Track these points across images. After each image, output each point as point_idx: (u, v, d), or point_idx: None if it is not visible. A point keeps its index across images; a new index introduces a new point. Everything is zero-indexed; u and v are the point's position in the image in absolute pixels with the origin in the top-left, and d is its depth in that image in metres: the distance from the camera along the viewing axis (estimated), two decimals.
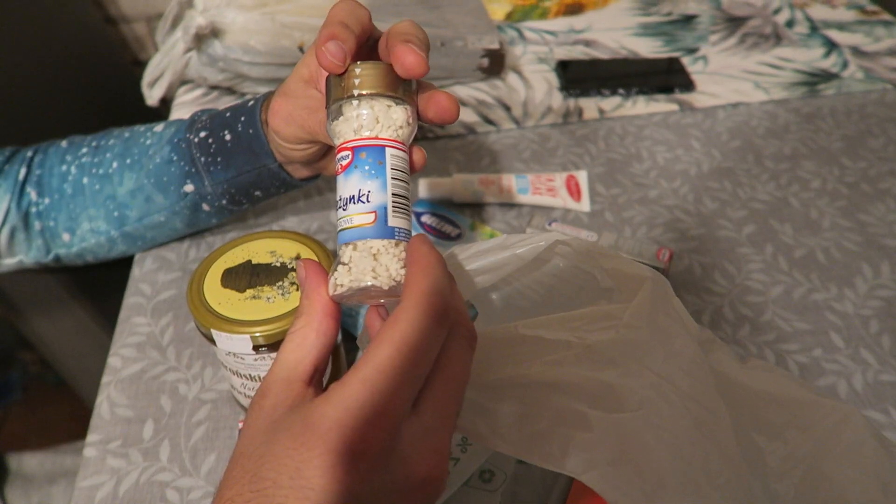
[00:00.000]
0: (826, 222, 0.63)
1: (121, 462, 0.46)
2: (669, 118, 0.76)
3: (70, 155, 0.56)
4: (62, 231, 0.55)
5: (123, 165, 0.54)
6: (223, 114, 0.51)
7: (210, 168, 0.51)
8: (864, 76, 0.82)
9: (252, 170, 0.50)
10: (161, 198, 0.53)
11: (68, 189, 0.54)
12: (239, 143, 0.50)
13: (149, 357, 0.52)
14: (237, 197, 0.53)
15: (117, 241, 0.56)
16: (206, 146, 0.51)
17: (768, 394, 0.37)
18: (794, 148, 0.72)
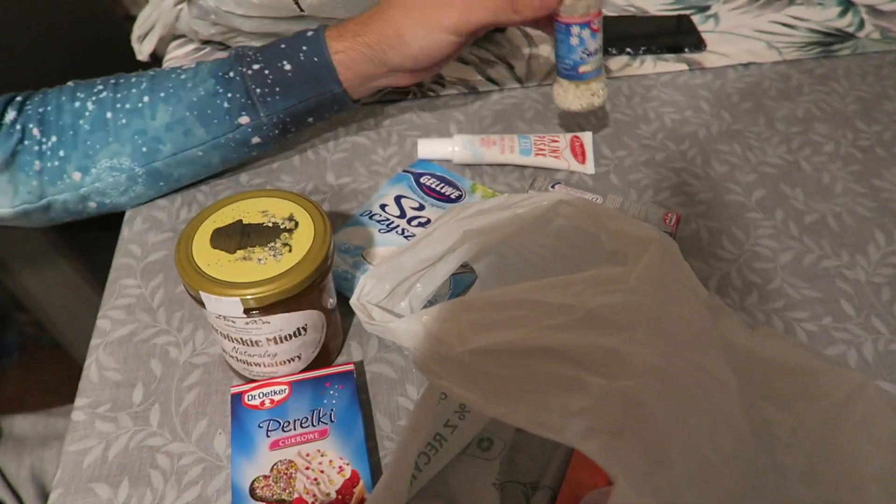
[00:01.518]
0: (838, 187, 0.61)
1: (110, 426, 0.45)
2: (678, 78, 0.73)
3: (82, 93, 0.54)
4: (73, 170, 0.53)
5: (157, 99, 0.53)
6: (276, 45, 0.54)
7: (267, 98, 0.54)
8: (881, 36, 0.79)
9: (314, 97, 0.55)
10: (203, 131, 0.54)
11: (85, 125, 0.53)
12: (301, 72, 0.53)
13: (139, 320, 0.51)
14: (289, 126, 0.57)
15: (139, 178, 0.55)
16: (261, 77, 0.53)
17: (778, 363, 0.36)
18: (807, 110, 0.69)
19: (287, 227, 0.42)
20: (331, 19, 0.69)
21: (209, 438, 0.44)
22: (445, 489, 0.39)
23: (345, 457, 0.41)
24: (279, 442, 0.41)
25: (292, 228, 0.42)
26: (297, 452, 0.41)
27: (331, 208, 0.59)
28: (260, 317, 0.40)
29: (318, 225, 0.42)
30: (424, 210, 0.56)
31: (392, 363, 0.48)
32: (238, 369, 0.46)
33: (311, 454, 0.41)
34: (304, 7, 0.66)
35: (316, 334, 0.44)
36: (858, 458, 0.32)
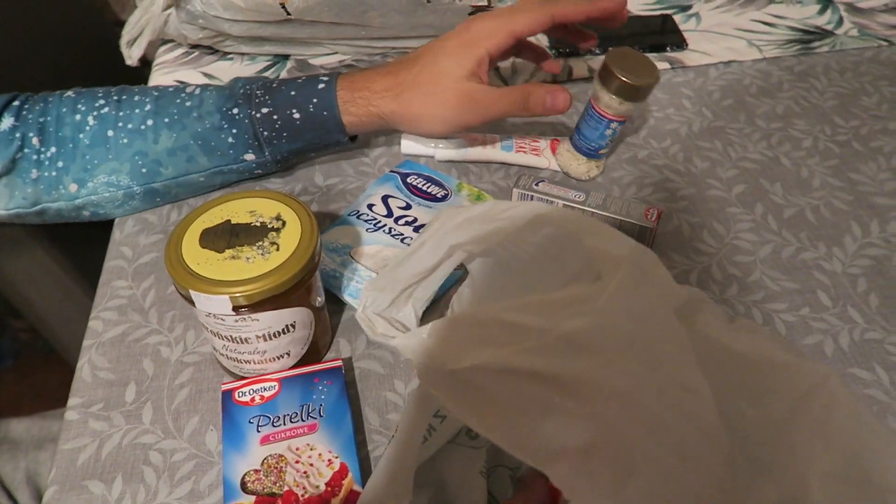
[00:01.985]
0: (816, 181, 0.62)
1: (103, 425, 0.46)
2: (661, 77, 0.74)
3: (83, 105, 0.55)
4: (70, 181, 0.54)
5: (160, 123, 0.54)
6: (286, 92, 0.55)
7: (274, 141, 0.56)
8: (859, 33, 0.81)
9: (320, 143, 0.57)
10: (206, 160, 0.56)
11: (85, 139, 0.54)
12: (310, 123, 0.55)
13: (130, 320, 0.52)
14: (291, 160, 0.60)
15: (136, 196, 0.57)
16: (269, 122, 0.55)
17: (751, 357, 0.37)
18: (787, 107, 0.71)
19: (275, 227, 0.43)
20: (317, 23, 0.70)
21: (201, 435, 0.45)
22: (434, 477, 0.40)
23: (334, 450, 0.42)
24: (269, 437, 0.42)
25: (280, 228, 0.43)
26: (287, 447, 0.42)
27: (319, 208, 0.60)
28: (249, 314, 0.41)
29: (305, 224, 0.43)
30: (411, 209, 0.57)
31: (380, 359, 0.49)
32: (228, 367, 0.47)
33: (300, 448, 0.42)
34: (291, 11, 0.67)
35: (304, 331, 0.45)
36: (810, 455, 0.33)
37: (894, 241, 0.57)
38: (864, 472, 0.32)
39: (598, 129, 0.59)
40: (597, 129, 0.59)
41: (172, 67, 0.75)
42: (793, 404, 0.34)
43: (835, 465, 0.32)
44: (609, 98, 0.57)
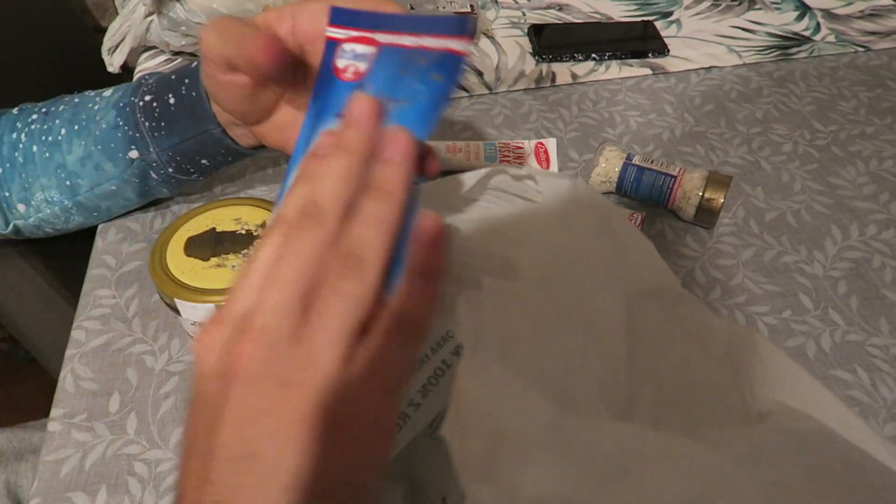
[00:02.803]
0: (797, 185, 0.63)
1: (86, 435, 0.45)
2: (643, 83, 0.75)
3: (20, 122, 0.53)
4: (17, 202, 0.53)
5: (72, 132, 0.51)
6: (169, 76, 0.49)
7: (154, 133, 0.49)
8: (836, 39, 0.82)
9: (195, 136, 0.48)
10: (110, 165, 0.51)
11: (20, 157, 0.52)
12: (182, 108, 0.48)
13: (114, 329, 0.51)
14: (184, 165, 0.51)
15: (72, 211, 0.54)
16: (150, 110, 0.49)
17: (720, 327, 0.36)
18: (766, 112, 0.72)
19: (260, 234, 0.43)
20: None
21: None
22: (407, 471, 0.40)
23: None
24: None
25: None
26: None
27: None
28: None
29: None
30: None
31: None
32: None
33: None
34: None
35: None
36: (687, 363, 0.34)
37: (874, 244, 0.58)
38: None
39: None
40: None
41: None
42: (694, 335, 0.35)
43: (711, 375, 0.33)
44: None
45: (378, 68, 0.32)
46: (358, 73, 0.33)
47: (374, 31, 0.33)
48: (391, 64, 0.32)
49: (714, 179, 0.57)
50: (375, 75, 0.32)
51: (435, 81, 0.31)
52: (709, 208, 0.57)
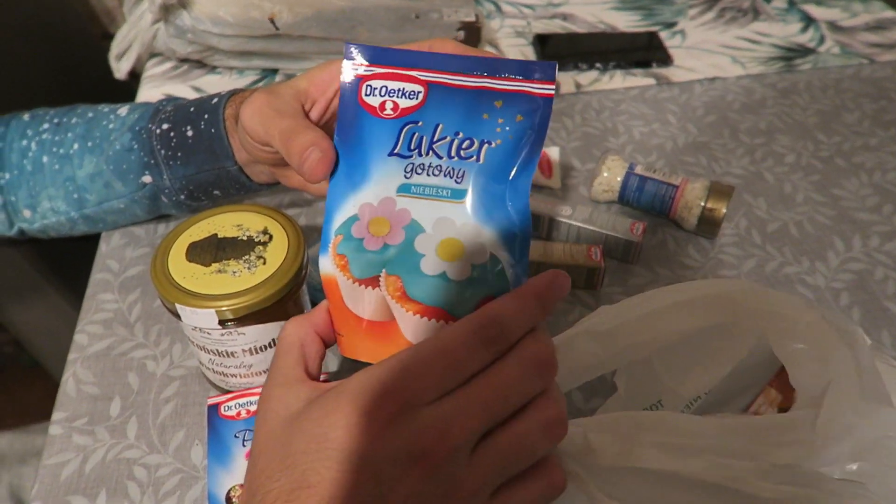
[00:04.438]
0: (800, 196, 0.63)
1: (87, 439, 0.45)
2: (646, 92, 0.76)
3: (31, 130, 0.54)
4: (23, 207, 0.54)
5: (84, 148, 0.52)
6: (187, 108, 0.50)
7: (170, 162, 0.50)
8: (841, 51, 0.82)
9: (211, 169, 0.50)
10: (120, 185, 0.52)
11: (28, 166, 0.53)
12: (200, 142, 0.49)
13: (116, 334, 0.51)
14: (196, 193, 0.52)
15: (78, 221, 0.55)
16: (167, 139, 0.50)
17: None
18: (770, 123, 0.72)
19: (261, 241, 0.43)
20: (305, 38, 0.70)
21: (186, 449, 0.45)
22: None
23: None
24: None
25: (266, 241, 0.43)
26: None
27: (307, 222, 0.60)
28: (235, 328, 0.41)
29: (292, 238, 0.43)
30: None
31: None
32: (214, 381, 0.47)
33: None
34: (280, 26, 0.68)
35: None
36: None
37: (876, 256, 0.58)
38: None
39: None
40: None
41: (161, 81, 0.76)
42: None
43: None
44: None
45: (437, 107, 0.32)
46: (401, 110, 0.32)
47: (411, 69, 0.32)
48: (456, 105, 0.32)
49: (716, 190, 0.57)
50: (438, 114, 0.32)
51: (521, 122, 0.31)
52: (711, 218, 0.57)
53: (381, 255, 0.32)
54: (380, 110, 0.32)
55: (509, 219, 0.31)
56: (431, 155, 0.32)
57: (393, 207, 0.32)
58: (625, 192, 0.60)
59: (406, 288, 0.31)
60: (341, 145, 0.33)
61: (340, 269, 0.32)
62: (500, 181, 0.31)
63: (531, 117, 0.31)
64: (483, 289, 0.31)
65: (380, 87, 0.32)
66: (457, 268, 0.31)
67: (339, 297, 0.32)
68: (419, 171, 0.32)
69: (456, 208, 0.31)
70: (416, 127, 0.32)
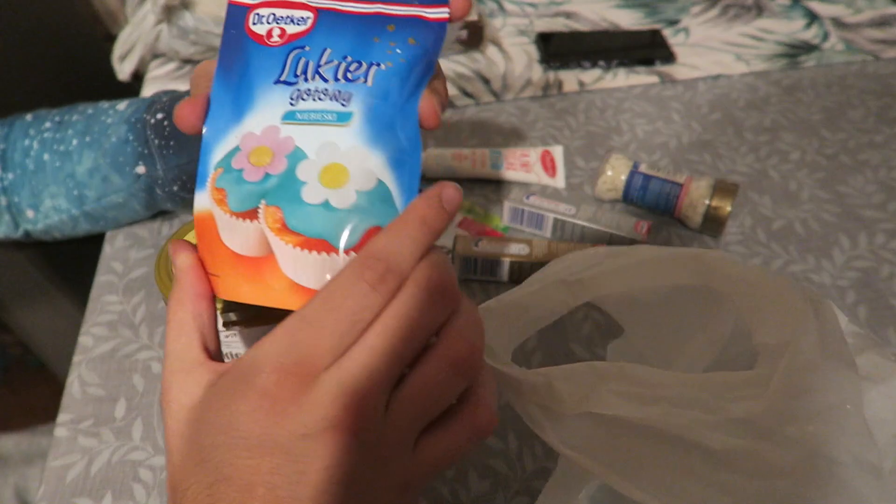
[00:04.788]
0: (805, 194, 0.63)
1: (92, 441, 0.45)
2: (650, 91, 0.75)
3: (33, 129, 0.54)
4: (26, 207, 0.54)
5: (83, 143, 0.52)
6: (182, 96, 0.50)
7: (163, 151, 0.50)
8: (845, 47, 0.82)
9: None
10: (118, 178, 0.52)
11: (30, 165, 0.53)
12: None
13: (121, 335, 0.52)
14: (188, 184, 0.52)
15: (80, 220, 0.55)
16: (161, 128, 0.50)
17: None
18: (774, 120, 0.71)
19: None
20: None
21: None
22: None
23: None
24: None
25: None
26: None
27: None
28: (240, 329, 0.41)
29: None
30: None
31: None
32: None
33: None
34: None
35: None
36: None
37: (882, 254, 0.57)
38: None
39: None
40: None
41: (164, 82, 0.76)
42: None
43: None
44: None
45: (326, 32, 0.31)
46: (288, 36, 0.31)
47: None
48: (346, 29, 0.30)
49: (721, 188, 0.57)
50: (327, 39, 0.30)
51: (414, 46, 0.30)
52: (716, 217, 0.57)
53: (261, 186, 0.29)
54: (266, 38, 0.31)
55: (398, 143, 0.29)
56: (317, 79, 0.30)
57: (277, 136, 0.30)
58: (629, 190, 0.59)
59: (286, 219, 0.28)
60: (224, 77, 0.31)
61: (217, 203, 0.30)
62: (390, 104, 0.29)
63: (424, 41, 0.30)
64: (369, 218, 0.28)
65: (267, 14, 0.31)
66: (340, 195, 0.28)
67: (216, 233, 0.30)
68: (305, 98, 0.30)
69: (341, 132, 0.29)
70: (303, 52, 0.30)
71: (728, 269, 0.35)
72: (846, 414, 0.29)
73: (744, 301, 0.34)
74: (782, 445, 0.29)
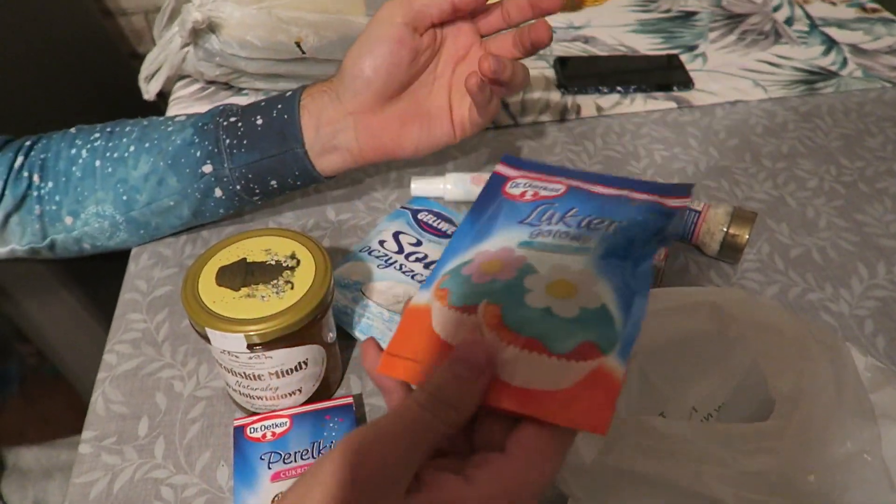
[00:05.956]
0: (822, 222, 0.63)
1: (115, 459, 0.46)
2: (667, 116, 0.76)
3: (80, 140, 0.56)
4: (65, 214, 0.55)
5: (141, 149, 0.55)
6: (258, 103, 0.55)
7: (233, 150, 0.53)
8: (863, 74, 0.82)
9: (276, 154, 0.53)
10: (174, 180, 0.54)
11: (77, 172, 0.55)
12: (270, 127, 0.53)
13: (144, 354, 0.52)
14: (252, 184, 0.55)
15: (120, 226, 0.57)
16: (234, 129, 0.54)
17: None
18: (792, 147, 0.72)
19: (289, 265, 0.44)
20: (331, 62, 0.72)
21: (212, 470, 0.45)
22: None
23: None
24: (280, 474, 0.42)
25: (294, 266, 0.44)
26: None
27: (331, 244, 0.61)
28: (263, 352, 0.42)
29: (319, 263, 0.44)
30: (422, 246, 0.58)
31: None
32: (240, 402, 0.47)
33: None
34: (306, 50, 0.69)
35: (316, 368, 0.46)
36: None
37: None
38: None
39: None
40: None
41: (189, 102, 0.77)
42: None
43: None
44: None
45: (574, 199, 0.34)
46: (539, 196, 0.35)
47: (555, 175, 0.36)
48: (593, 199, 0.34)
49: (739, 215, 0.57)
50: (574, 202, 0.34)
51: (652, 218, 0.32)
52: (733, 244, 0.57)
53: (486, 287, 0.31)
54: (519, 196, 0.36)
55: (627, 283, 0.30)
56: (560, 224, 0.33)
57: (511, 254, 0.32)
58: None
59: (503, 316, 0.29)
60: (473, 218, 0.35)
61: (438, 299, 0.31)
62: (624, 255, 0.31)
63: (660, 218, 0.32)
64: (587, 332, 0.29)
65: (524, 182, 0.36)
66: (564, 305, 0.29)
67: (429, 323, 0.31)
68: (545, 235, 0.33)
69: (575, 258, 0.31)
70: (551, 206, 0.34)
71: (745, 312, 0.36)
72: (864, 463, 0.30)
73: (760, 347, 0.34)
74: (798, 499, 0.29)
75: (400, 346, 0.31)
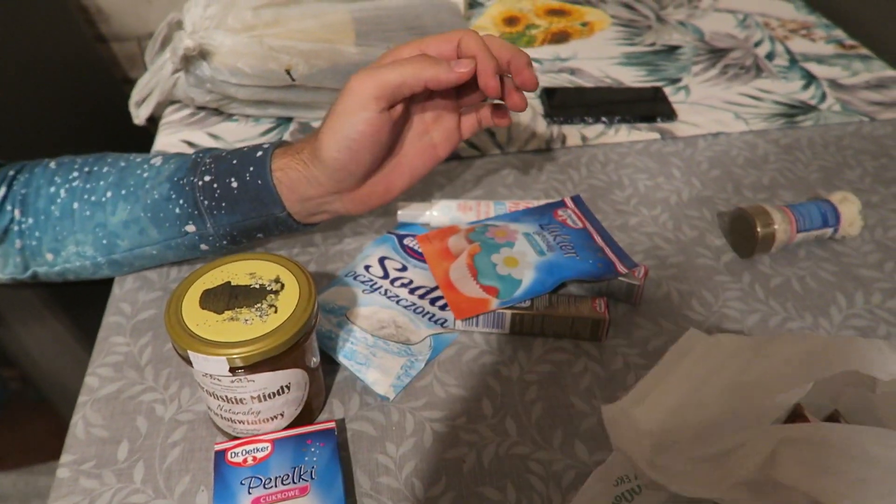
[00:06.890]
0: (802, 252, 0.64)
1: (94, 483, 0.46)
2: (651, 146, 0.77)
3: (59, 177, 0.56)
4: (45, 251, 0.55)
5: (118, 196, 0.54)
6: (229, 160, 0.53)
7: (213, 212, 0.53)
8: (842, 108, 0.84)
9: (258, 216, 0.53)
10: (155, 232, 0.54)
11: (56, 211, 0.55)
12: (246, 192, 0.52)
13: (126, 377, 0.52)
14: (238, 238, 0.55)
15: (103, 266, 0.56)
16: (210, 190, 0.52)
17: None
18: (773, 178, 0.73)
19: (273, 289, 0.44)
20: (320, 90, 0.73)
21: (191, 495, 0.45)
22: None
23: None
24: (261, 499, 0.42)
25: (278, 290, 0.44)
26: None
27: (317, 268, 0.61)
28: (245, 375, 0.42)
29: (304, 287, 0.44)
30: (407, 271, 0.58)
31: (373, 421, 0.50)
32: (222, 426, 0.47)
33: None
34: (296, 78, 0.70)
35: (299, 392, 0.46)
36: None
37: (878, 313, 0.58)
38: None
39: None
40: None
41: (178, 127, 0.78)
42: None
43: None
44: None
45: (574, 232, 0.61)
46: (565, 222, 0.63)
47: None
48: (585, 238, 0.61)
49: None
50: (571, 234, 0.61)
51: (600, 269, 0.57)
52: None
53: (483, 237, 0.60)
54: (556, 216, 0.64)
55: (544, 280, 0.56)
56: (553, 236, 0.60)
57: (513, 234, 0.60)
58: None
59: (476, 255, 0.58)
60: (527, 211, 0.65)
61: (464, 232, 0.61)
62: (557, 270, 0.56)
63: (606, 272, 0.57)
64: (501, 283, 0.55)
65: (564, 213, 0.64)
66: (504, 268, 0.56)
67: (447, 239, 0.61)
68: (539, 236, 0.60)
69: (534, 254, 0.57)
70: (562, 227, 0.62)
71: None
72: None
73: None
74: None
75: (433, 235, 0.61)
